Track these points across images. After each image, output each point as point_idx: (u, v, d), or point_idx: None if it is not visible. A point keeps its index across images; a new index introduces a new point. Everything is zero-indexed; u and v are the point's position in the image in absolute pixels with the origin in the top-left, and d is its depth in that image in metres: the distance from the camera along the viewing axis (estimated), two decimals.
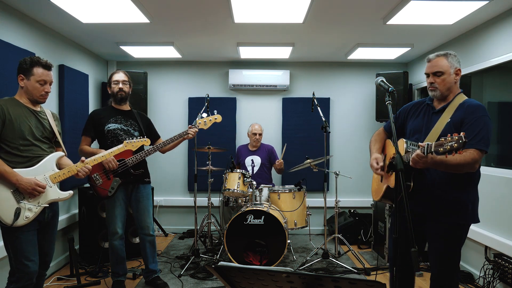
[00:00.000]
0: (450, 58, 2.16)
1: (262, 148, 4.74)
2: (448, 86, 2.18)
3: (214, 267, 1.30)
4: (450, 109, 2.15)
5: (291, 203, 4.12)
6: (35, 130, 2.37)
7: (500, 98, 3.78)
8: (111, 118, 3.21)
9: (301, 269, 3.76)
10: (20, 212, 2.24)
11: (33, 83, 2.34)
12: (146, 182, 3.33)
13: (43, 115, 2.47)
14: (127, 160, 3.08)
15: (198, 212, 4.16)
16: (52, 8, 3.15)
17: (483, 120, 2.04)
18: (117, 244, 3.21)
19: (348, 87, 5.32)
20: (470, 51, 3.77)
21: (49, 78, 2.39)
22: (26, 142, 2.32)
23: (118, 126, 3.20)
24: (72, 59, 4.20)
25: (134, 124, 3.27)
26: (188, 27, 3.77)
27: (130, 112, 3.32)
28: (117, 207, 3.17)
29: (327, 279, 1.15)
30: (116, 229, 3.18)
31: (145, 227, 3.30)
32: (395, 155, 1.84)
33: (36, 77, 2.33)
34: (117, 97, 3.22)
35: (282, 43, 4.30)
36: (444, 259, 2.19)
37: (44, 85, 2.36)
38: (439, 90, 2.19)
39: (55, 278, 3.61)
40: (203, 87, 5.29)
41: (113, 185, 3.08)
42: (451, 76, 2.17)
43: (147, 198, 3.32)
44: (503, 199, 3.24)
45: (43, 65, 2.35)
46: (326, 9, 3.24)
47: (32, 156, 2.35)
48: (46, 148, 2.44)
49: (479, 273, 3.40)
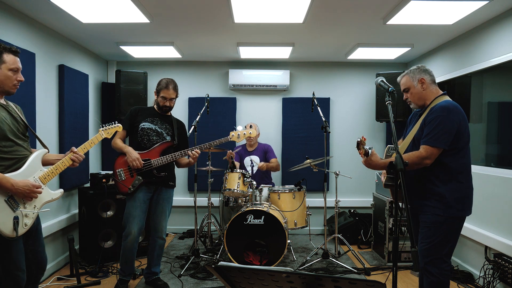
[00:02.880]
0: (411, 73, 2.42)
1: (259, 148, 4.74)
2: (418, 97, 2.41)
3: (214, 267, 1.30)
4: (425, 113, 2.35)
5: (291, 203, 4.12)
6: (13, 127, 2.18)
7: (500, 98, 3.78)
8: (148, 118, 3.24)
9: (301, 269, 3.76)
10: (18, 220, 2.10)
11: (5, 72, 2.11)
12: (170, 186, 3.33)
13: (11, 109, 2.25)
14: (152, 161, 3.10)
15: (198, 212, 4.16)
16: (52, 8, 3.15)
17: (438, 119, 2.23)
18: (130, 246, 3.18)
19: (348, 87, 5.32)
20: (470, 51, 3.77)
21: (20, 66, 2.18)
22: (9, 143, 2.14)
23: (153, 127, 3.22)
24: (72, 59, 4.20)
25: (169, 129, 3.29)
26: (188, 27, 3.77)
27: (169, 117, 3.36)
28: (136, 208, 3.15)
29: (327, 279, 1.15)
30: (131, 230, 3.15)
31: (159, 230, 3.29)
32: (395, 155, 1.85)
33: (8, 64, 2.11)
34: (162, 110, 3.28)
35: (282, 43, 4.30)
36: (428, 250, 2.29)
37: (16, 73, 2.16)
38: (413, 103, 2.44)
39: (55, 278, 3.61)
40: (203, 87, 5.29)
41: (134, 183, 3.09)
42: (416, 87, 2.40)
43: (168, 202, 3.32)
44: (503, 199, 3.24)
45: (12, 52, 2.14)
46: (326, 9, 3.24)
47: (17, 157, 2.18)
48: (26, 146, 2.27)
49: (479, 273, 3.40)
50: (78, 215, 4.15)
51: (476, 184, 2.41)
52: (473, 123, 3.91)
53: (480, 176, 3.48)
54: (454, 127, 2.22)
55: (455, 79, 4.08)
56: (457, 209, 2.27)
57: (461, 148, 2.28)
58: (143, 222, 3.22)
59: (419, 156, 2.22)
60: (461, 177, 2.29)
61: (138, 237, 3.22)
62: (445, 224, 2.27)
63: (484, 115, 3.85)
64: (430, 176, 2.30)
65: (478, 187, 3.12)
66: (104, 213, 3.96)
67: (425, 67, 2.45)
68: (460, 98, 3.98)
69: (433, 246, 2.28)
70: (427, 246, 2.30)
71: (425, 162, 2.21)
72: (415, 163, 2.21)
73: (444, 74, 4.23)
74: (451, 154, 2.25)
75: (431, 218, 2.29)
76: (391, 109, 2.05)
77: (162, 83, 3.24)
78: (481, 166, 3.60)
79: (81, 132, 4.25)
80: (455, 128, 2.22)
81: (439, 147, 2.21)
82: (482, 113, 3.88)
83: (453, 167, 2.27)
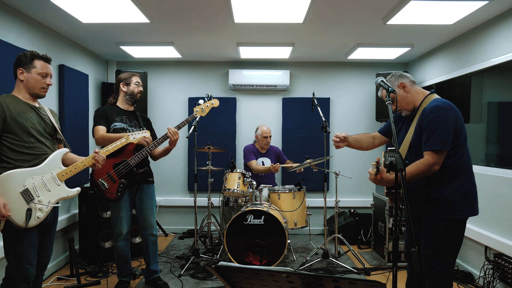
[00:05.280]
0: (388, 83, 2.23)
1: (270, 150, 4.75)
2: (405, 102, 2.34)
3: (214, 267, 1.30)
4: (417, 116, 2.28)
5: (291, 203, 4.12)
6: (38, 126, 2.35)
7: (500, 98, 3.78)
8: (117, 117, 3.21)
9: (301, 269, 3.76)
10: (31, 212, 2.21)
11: (35, 76, 2.32)
12: (150, 182, 3.33)
13: (43, 112, 2.44)
14: (129, 160, 3.08)
15: (198, 212, 4.16)
16: (52, 8, 3.15)
17: (435, 121, 2.15)
18: (122, 245, 3.22)
19: (348, 87, 5.32)
20: (470, 51, 3.77)
21: (49, 71, 2.38)
22: (31, 139, 2.30)
23: (124, 126, 3.20)
24: (72, 59, 4.20)
25: (137, 125, 3.27)
26: (188, 27, 3.77)
27: (134, 113, 3.34)
28: (122, 208, 3.17)
29: (327, 279, 1.14)
30: (121, 231, 3.19)
31: (149, 227, 3.30)
32: (395, 155, 1.84)
33: (37, 69, 2.32)
34: (136, 97, 3.28)
35: (282, 43, 4.30)
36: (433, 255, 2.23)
37: (45, 78, 2.35)
38: (403, 109, 2.37)
39: (55, 278, 3.61)
40: (203, 87, 5.29)
41: (119, 187, 3.08)
42: (399, 93, 2.32)
43: (151, 198, 3.32)
44: (503, 199, 3.24)
45: (43, 58, 2.35)
46: (326, 9, 3.24)
47: (38, 153, 2.32)
48: (50, 145, 2.41)
49: (479, 273, 3.40)
50: (78, 215, 4.15)
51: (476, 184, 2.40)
52: (473, 123, 3.91)
53: (480, 176, 3.46)
54: (453, 125, 2.15)
55: (455, 79, 4.08)
56: (463, 209, 2.20)
57: (461, 146, 2.21)
58: (130, 221, 3.26)
59: (427, 164, 2.11)
60: (464, 176, 2.22)
61: (128, 237, 3.26)
62: (450, 227, 2.19)
63: (484, 115, 3.85)
64: (433, 178, 2.20)
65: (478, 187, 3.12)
66: (104, 213, 3.96)
67: (400, 72, 2.41)
68: (460, 98, 3.98)
69: (440, 251, 2.20)
70: (432, 251, 2.22)
71: (434, 168, 2.12)
72: (425, 172, 2.12)
73: (444, 74, 4.23)
74: (451, 154, 2.18)
75: (436, 222, 2.21)
76: (391, 109, 2.04)
77: (124, 74, 3.27)
78: (481, 166, 3.59)
79: (81, 132, 4.25)
80: (453, 126, 2.15)
81: (444, 149, 2.12)
82: (482, 113, 3.88)
83: (455, 167, 2.20)
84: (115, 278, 3.40)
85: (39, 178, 2.28)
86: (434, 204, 2.22)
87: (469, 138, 2.34)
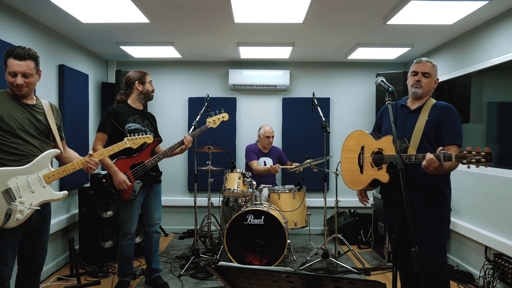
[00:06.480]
0: (436, 68, 2.43)
1: (273, 150, 4.76)
2: (429, 89, 2.42)
3: (214, 267, 1.30)
4: (425, 109, 2.37)
5: (291, 203, 4.12)
6: (28, 127, 2.24)
7: (500, 98, 3.78)
8: (130, 117, 3.15)
9: (301, 269, 3.76)
10: (11, 213, 2.11)
11: (6, 75, 2.18)
12: (160, 181, 3.36)
13: (38, 109, 2.32)
14: (146, 162, 3.09)
15: (198, 212, 4.16)
16: (52, 8, 3.15)
17: (458, 119, 2.32)
18: (127, 244, 3.22)
19: (348, 87, 5.32)
20: (470, 51, 3.77)
21: (20, 69, 2.17)
22: (18, 140, 2.20)
23: (138, 126, 3.17)
24: (72, 59, 4.20)
25: (149, 125, 3.27)
26: (188, 27, 3.77)
27: (143, 112, 3.31)
28: (134, 208, 3.17)
29: (327, 279, 1.14)
30: (130, 230, 3.19)
31: (153, 224, 3.31)
32: (395, 155, 1.84)
33: (8, 68, 2.17)
34: (150, 96, 3.28)
35: (282, 43, 4.30)
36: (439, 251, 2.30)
37: (14, 77, 2.17)
38: (422, 89, 2.39)
39: (55, 278, 3.61)
40: (203, 87, 5.29)
41: (135, 188, 3.09)
42: (433, 82, 2.42)
43: (158, 196, 3.34)
44: (503, 199, 3.24)
45: (14, 55, 2.16)
46: (326, 9, 3.24)
47: (25, 154, 2.22)
48: (39, 145, 2.29)
49: (479, 273, 3.40)
50: (78, 215, 4.15)
51: (476, 184, 2.42)
52: (473, 123, 3.91)
53: (480, 176, 3.48)
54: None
55: (455, 79, 4.08)
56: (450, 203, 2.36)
57: None
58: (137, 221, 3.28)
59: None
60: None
61: (134, 236, 3.27)
62: (448, 219, 2.34)
63: (484, 115, 3.85)
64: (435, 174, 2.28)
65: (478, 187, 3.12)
66: (104, 213, 3.96)
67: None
68: (460, 98, 3.98)
69: (443, 246, 2.30)
70: (438, 247, 2.28)
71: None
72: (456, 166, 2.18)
73: (444, 74, 4.23)
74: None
75: (439, 215, 2.30)
76: (391, 109, 2.04)
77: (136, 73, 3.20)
78: (481, 166, 3.59)
79: (81, 132, 4.25)
80: None
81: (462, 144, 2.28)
82: (482, 113, 3.88)
83: None
84: (115, 278, 3.40)
85: (24, 178, 2.18)
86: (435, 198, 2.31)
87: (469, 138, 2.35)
